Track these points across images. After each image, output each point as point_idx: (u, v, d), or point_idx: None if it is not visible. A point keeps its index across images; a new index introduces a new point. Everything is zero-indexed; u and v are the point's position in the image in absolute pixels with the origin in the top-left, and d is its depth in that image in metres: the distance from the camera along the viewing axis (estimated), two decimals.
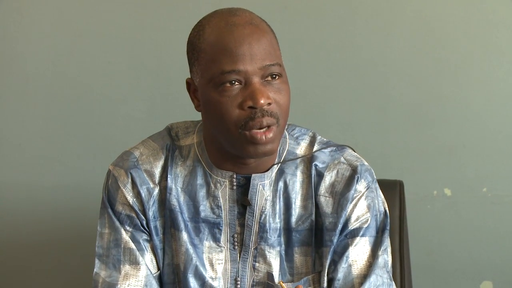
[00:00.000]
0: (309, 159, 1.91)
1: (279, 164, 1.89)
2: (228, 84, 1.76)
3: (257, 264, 1.89)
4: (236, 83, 1.76)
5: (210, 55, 1.78)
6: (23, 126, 2.72)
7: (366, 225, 1.89)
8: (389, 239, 1.91)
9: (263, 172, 1.88)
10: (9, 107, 2.72)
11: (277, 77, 1.78)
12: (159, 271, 1.91)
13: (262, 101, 1.74)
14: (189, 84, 1.87)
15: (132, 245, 1.88)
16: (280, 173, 1.89)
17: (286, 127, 1.94)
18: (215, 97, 1.77)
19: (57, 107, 2.71)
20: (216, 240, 1.89)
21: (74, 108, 2.71)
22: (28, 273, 2.77)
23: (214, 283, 1.88)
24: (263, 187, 1.87)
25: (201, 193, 1.88)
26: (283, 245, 1.89)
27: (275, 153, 1.88)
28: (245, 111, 1.75)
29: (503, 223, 2.64)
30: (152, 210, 1.89)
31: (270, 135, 1.77)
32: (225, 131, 1.78)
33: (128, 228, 1.89)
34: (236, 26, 1.77)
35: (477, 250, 2.65)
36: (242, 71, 1.75)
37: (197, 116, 1.89)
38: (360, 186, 1.89)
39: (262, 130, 1.76)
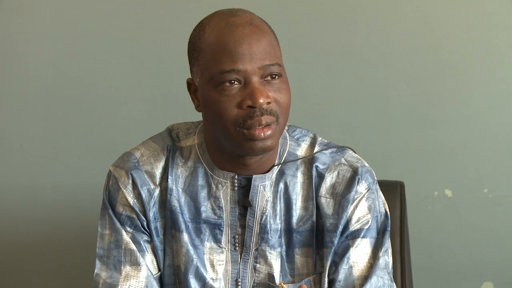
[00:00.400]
0: (309, 160, 1.91)
1: (280, 165, 1.89)
2: (227, 84, 1.76)
3: (258, 265, 1.89)
4: (236, 82, 1.76)
5: (210, 54, 1.78)
6: (24, 127, 2.72)
7: (367, 227, 1.89)
8: (389, 240, 1.91)
9: (263, 173, 1.88)
10: (10, 108, 2.72)
11: (276, 77, 1.78)
12: (159, 272, 1.91)
13: (261, 101, 1.74)
14: (190, 84, 1.87)
15: (133, 246, 1.87)
16: (281, 174, 1.89)
17: (287, 128, 1.94)
18: (214, 96, 1.77)
19: (58, 108, 2.71)
20: (217, 241, 1.88)
21: (75, 108, 2.70)
22: (28, 274, 2.77)
23: (215, 284, 1.88)
24: (264, 188, 1.87)
25: (202, 194, 1.88)
26: (284, 246, 1.89)
27: (275, 151, 1.88)
28: (244, 110, 1.75)
29: (503, 223, 2.64)
30: (153, 211, 1.89)
31: (269, 131, 1.76)
32: (223, 130, 1.78)
33: (128, 229, 1.89)
34: (236, 26, 1.77)
35: (478, 251, 2.65)
36: (241, 70, 1.75)
37: (198, 117, 1.89)
38: (361, 188, 1.89)
39: (260, 127, 1.76)
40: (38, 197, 2.72)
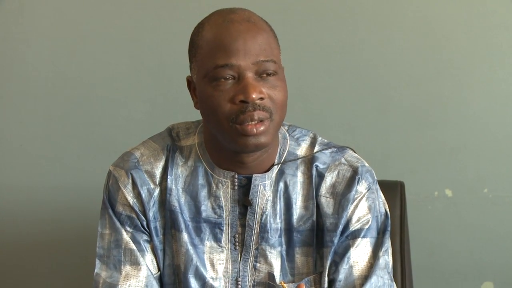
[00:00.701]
0: (309, 160, 1.91)
1: (280, 164, 1.89)
2: (221, 79, 1.76)
3: (258, 265, 1.88)
4: (230, 78, 1.76)
5: (206, 50, 1.78)
6: (24, 127, 2.72)
7: (367, 226, 1.88)
8: (390, 240, 1.91)
9: (263, 173, 1.88)
10: (10, 108, 2.72)
11: (272, 74, 1.78)
12: (159, 272, 1.91)
13: (253, 96, 1.74)
14: (189, 82, 1.87)
15: (133, 246, 1.87)
16: (281, 173, 1.89)
17: (287, 128, 1.94)
18: (209, 91, 1.77)
19: (58, 108, 2.71)
20: (217, 240, 1.88)
21: (75, 109, 2.70)
22: (28, 274, 2.76)
23: (215, 284, 1.88)
24: (264, 188, 1.87)
25: (203, 193, 1.88)
26: (284, 245, 1.89)
27: (274, 150, 1.89)
28: (237, 105, 1.75)
29: (504, 223, 2.64)
30: (153, 210, 1.89)
31: (261, 128, 1.76)
32: (218, 126, 1.78)
33: (128, 228, 1.89)
34: (232, 22, 1.78)
35: (478, 250, 2.65)
36: (235, 65, 1.75)
37: (198, 116, 1.89)
38: (361, 187, 1.89)
39: (253, 123, 1.75)
40: (38, 197, 2.72)
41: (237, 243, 1.88)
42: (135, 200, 1.89)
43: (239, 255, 1.89)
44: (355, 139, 2.64)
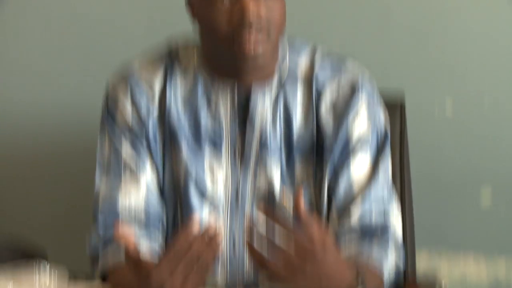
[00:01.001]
0: (309, 73, 1.90)
1: (279, 79, 1.89)
2: (218, 0, 1.75)
3: (258, 177, 1.90)
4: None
5: None
6: (23, 45, 2.70)
7: (367, 141, 1.89)
8: (390, 153, 1.92)
9: (263, 89, 1.87)
10: (8, 26, 2.69)
11: None
12: (159, 186, 1.92)
13: (251, 16, 1.73)
14: (188, 5, 1.86)
15: (132, 160, 1.89)
16: (281, 89, 1.89)
17: (286, 41, 1.93)
18: (206, 13, 1.77)
19: (56, 24, 2.68)
20: (217, 154, 1.89)
21: (74, 25, 2.68)
22: (28, 185, 2.78)
23: (215, 196, 1.89)
24: (264, 103, 1.87)
25: (202, 108, 1.88)
26: (284, 160, 1.90)
27: (273, 63, 1.88)
28: (234, 26, 1.75)
29: (503, 132, 2.64)
30: (152, 124, 1.89)
31: (259, 47, 1.76)
32: (215, 46, 1.79)
33: (127, 142, 1.90)
34: None
35: (476, 157, 2.66)
36: None
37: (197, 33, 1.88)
38: (361, 101, 1.90)
39: (251, 43, 1.75)
40: (38, 114, 2.72)
41: (237, 157, 1.90)
42: (134, 113, 1.89)
43: (239, 169, 1.90)
44: (354, 52, 2.61)
